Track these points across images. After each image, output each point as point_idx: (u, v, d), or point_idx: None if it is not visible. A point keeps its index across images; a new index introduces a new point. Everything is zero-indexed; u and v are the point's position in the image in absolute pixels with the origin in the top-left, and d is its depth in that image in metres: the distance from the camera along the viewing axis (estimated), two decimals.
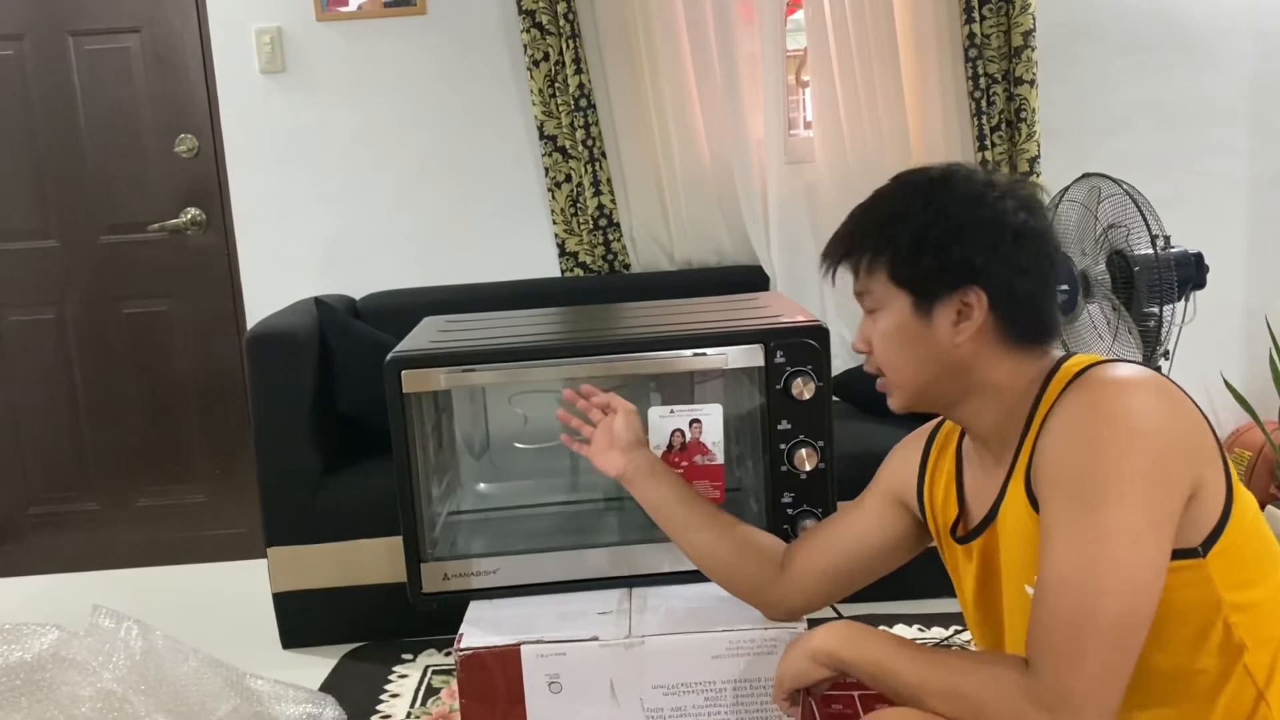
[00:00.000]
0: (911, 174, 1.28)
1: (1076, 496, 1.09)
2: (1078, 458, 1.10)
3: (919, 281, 1.22)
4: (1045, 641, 1.08)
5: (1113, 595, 1.05)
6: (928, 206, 1.22)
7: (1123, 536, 1.06)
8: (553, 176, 3.07)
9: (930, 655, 1.19)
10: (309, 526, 2.52)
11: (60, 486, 3.33)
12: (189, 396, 3.29)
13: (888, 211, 1.26)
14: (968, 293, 1.20)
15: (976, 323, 1.20)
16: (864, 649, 1.24)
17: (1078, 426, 1.11)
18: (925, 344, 1.23)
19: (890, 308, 1.25)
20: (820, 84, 3.02)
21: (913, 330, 1.23)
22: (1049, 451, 1.13)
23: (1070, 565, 1.07)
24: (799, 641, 1.32)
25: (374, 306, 3.01)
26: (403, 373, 1.70)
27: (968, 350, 1.22)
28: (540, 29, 2.96)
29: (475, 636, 1.58)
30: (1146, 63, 3.08)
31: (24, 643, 1.68)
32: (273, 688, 2.03)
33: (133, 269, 3.23)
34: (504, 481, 2.13)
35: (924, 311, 1.22)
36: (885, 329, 1.26)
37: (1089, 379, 1.15)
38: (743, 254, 3.11)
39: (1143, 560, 1.06)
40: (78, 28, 3.13)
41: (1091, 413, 1.11)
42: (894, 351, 1.26)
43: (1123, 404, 1.10)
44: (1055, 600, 1.08)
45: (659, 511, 1.57)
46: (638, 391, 2.07)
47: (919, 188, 1.25)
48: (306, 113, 3.11)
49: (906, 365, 1.26)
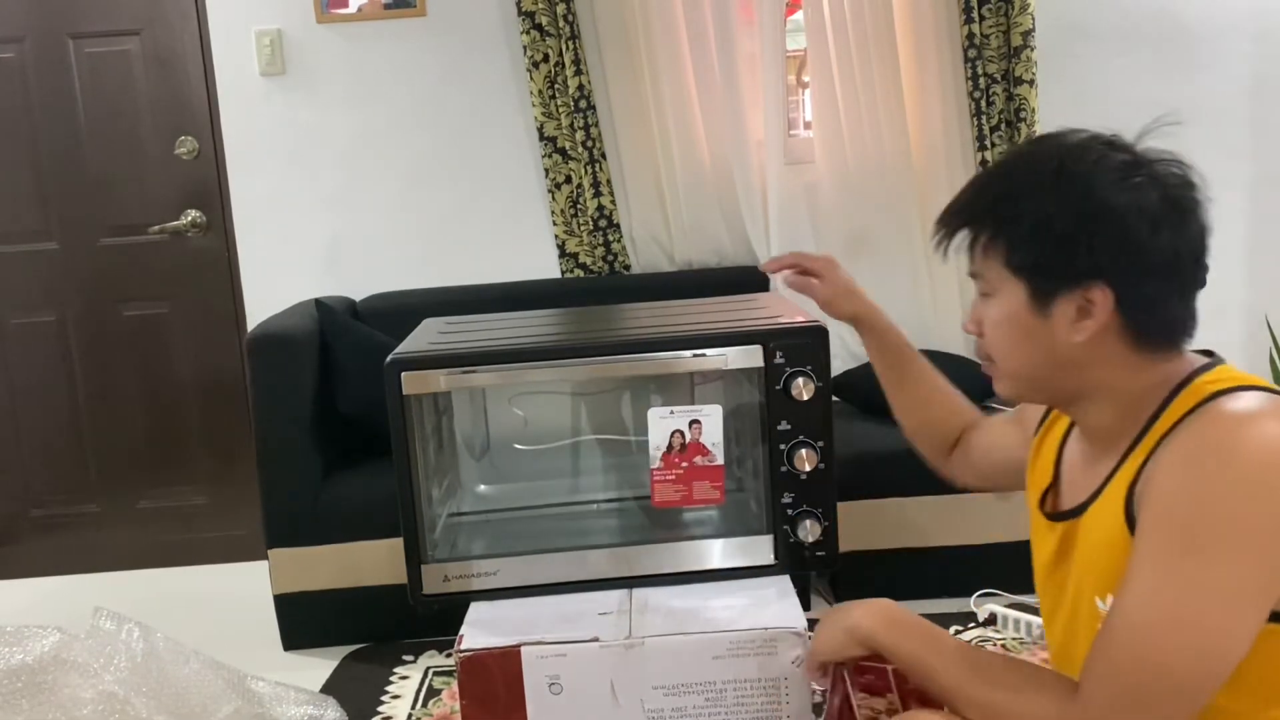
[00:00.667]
0: (1046, 140, 1.16)
1: (1180, 540, 1.00)
2: (1193, 499, 1.01)
3: (1037, 272, 1.11)
4: (1105, 680, 1.02)
5: (1192, 655, 0.99)
6: (1057, 186, 1.09)
7: (1219, 596, 0.99)
8: (553, 178, 3.07)
9: (971, 661, 1.15)
10: (310, 528, 2.52)
11: (61, 489, 3.33)
12: (190, 398, 3.29)
13: (1012, 186, 1.13)
14: (1092, 289, 1.09)
15: (1099, 322, 1.10)
16: (902, 638, 1.20)
17: (1197, 464, 1.02)
18: (1039, 339, 1.13)
19: (1004, 294, 1.14)
20: (820, 84, 3.02)
21: (1026, 323, 1.13)
22: (1161, 481, 1.04)
23: (1155, 611, 1.00)
24: (838, 614, 1.29)
25: (374, 308, 3.01)
26: (403, 374, 1.71)
27: (1086, 350, 1.11)
28: (540, 30, 2.96)
29: (476, 638, 1.59)
30: (1146, 62, 3.08)
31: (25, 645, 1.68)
32: (274, 689, 2.03)
33: (133, 271, 3.24)
34: (504, 483, 2.13)
35: (1041, 304, 1.11)
36: (997, 317, 1.15)
37: (1215, 411, 1.04)
38: (742, 255, 3.11)
39: (1234, 626, 0.99)
40: (78, 30, 3.13)
41: (1215, 452, 1.01)
42: (1004, 342, 1.16)
43: (1253, 446, 1.00)
44: (1128, 643, 1.02)
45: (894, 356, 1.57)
46: (638, 393, 2.08)
47: (1050, 161, 1.11)
48: (306, 114, 3.11)
49: (1016, 357, 1.16)
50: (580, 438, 2.14)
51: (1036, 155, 1.14)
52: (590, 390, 2.10)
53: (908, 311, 3.03)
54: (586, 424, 2.14)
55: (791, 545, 1.74)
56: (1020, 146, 1.18)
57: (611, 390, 2.10)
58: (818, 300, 1.62)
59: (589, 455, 2.14)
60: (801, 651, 1.54)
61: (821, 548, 1.74)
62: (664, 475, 1.71)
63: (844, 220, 3.08)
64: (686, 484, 1.71)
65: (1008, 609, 2.40)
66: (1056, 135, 1.15)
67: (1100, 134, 1.14)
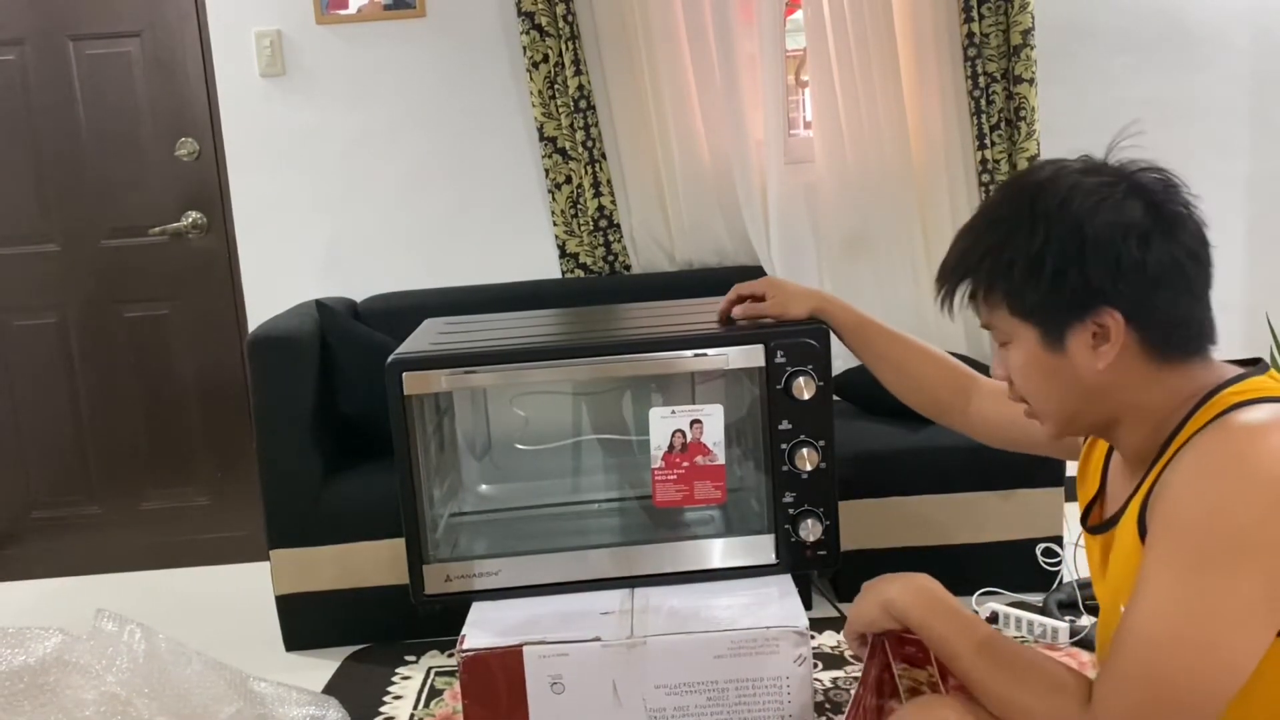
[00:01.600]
0: (1017, 183, 1.16)
1: (1191, 553, 1.00)
2: (1201, 511, 1.00)
3: (1042, 311, 1.11)
4: (1117, 692, 1.03)
5: (1202, 669, 0.99)
6: (1035, 225, 1.10)
7: (1229, 612, 0.98)
8: (553, 178, 3.07)
9: (997, 652, 1.15)
10: (311, 529, 2.52)
11: (63, 490, 3.34)
12: (191, 399, 3.30)
13: (994, 236, 1.14)
14: (1100, 314, 1.09)
15: (1117, 345, 1.09)
16: (933, 619, 1.21)
17: (1205, 476, 1.01)
18: (1064, 375, 1.13)
19: (1019, 340, 1.15)
20: (819, 84, 3.02)
21: (1047, 363, 1.13)
22: (1170, 494, 1.04)
23: (1164, 625, 1.00)
24: (876, 586, 1.31)
25: (375, 309, 3.01)
26: (404, 374, 1.71)
27: (1111, 375, 1.11)
28: (540, 31, 2.96)
29: (477, 638, 1.59)
30: (1145, 61, 3.08)
31: (27, 646, 1.68)
32: (276, 690, 2.03)
33: (134, 273, 3.24)
34: (506, 483, 2.13)
35: (1055, 341, 1.12)
36: (1019, 363, 1.16)
37: (1227, 424, 1.04)
38: (743, 254, 3.11)
39: (1245, 641, 0.99)
40: (78, 32, 3.14)
41: (1223, 463, 1.01)
42: (1032, 385, 1.17)
43: (1261, 458, 0.99)
44: (1139, 656, 1.02)
45: (857, 331, 1.64)
46: (639, 392, 2.08)
47: (1024, 202, 1.12)
48: (307, 115, 3.11)
49: (1049, 398, 1.16)
50: (581, 437, 2.14)
51: (1011, 200, 1.14)
52: (591, 390, 2.10)
53: (907, 310, 3.03)
54: (588, 424, 2.14)
55: (793, 544, 1.74)
56: (995, 195, 1.18)
57: (612, 390, 2.10)
58: (773, 316, 1.70)
59: (590, 455, 2.14)
60: (804, 650, 1.54)
61: (823, 547, 1.75)
62: (665, 475, 1.72)
63: (844, 219, 3.08)
64: (688, 483, 1.71)
65: (1009, 607, 2.41)
66: (1026, 174, 1.16)
67: (1068, 162, 1.15)
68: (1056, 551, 2.51)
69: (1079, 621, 2.34)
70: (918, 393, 1.62)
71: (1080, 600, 2.41)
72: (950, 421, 1.61)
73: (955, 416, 1.59)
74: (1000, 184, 1.19)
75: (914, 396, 1.63)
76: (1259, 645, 1.00)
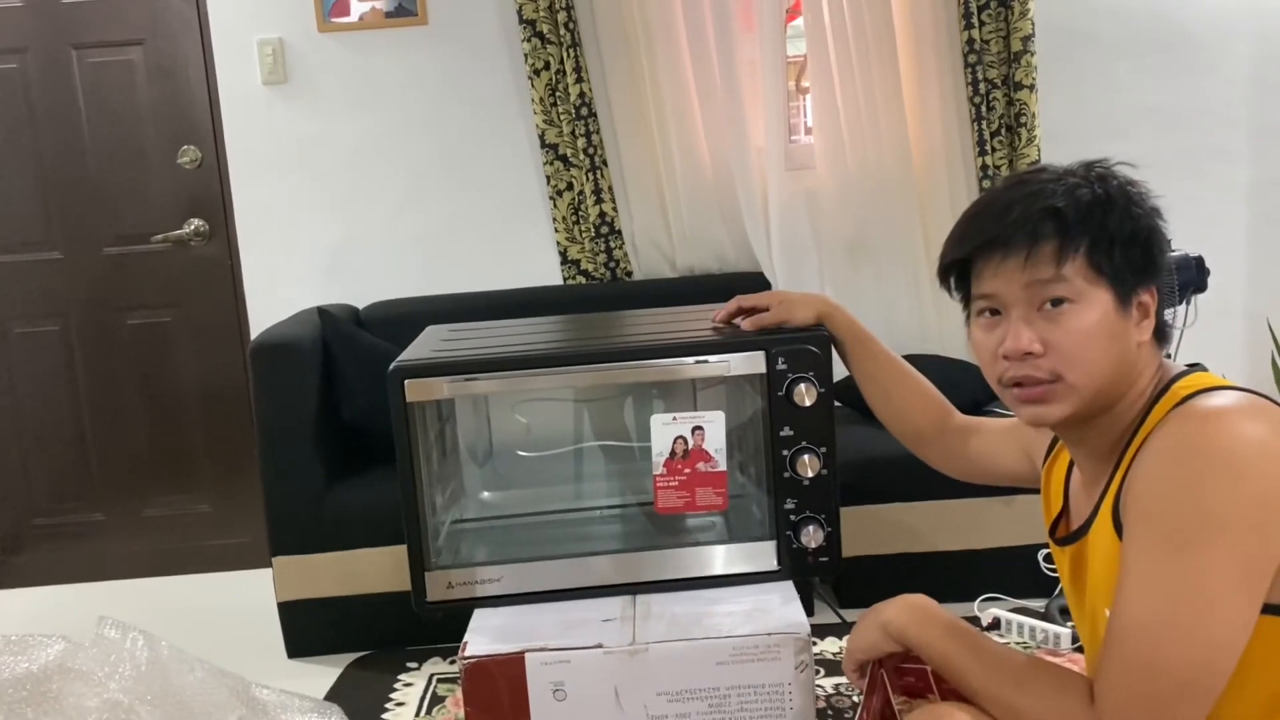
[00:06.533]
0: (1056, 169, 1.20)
1: (1166, 537, 1.03)
2: (1171, 495, 1.03)
3: (1119, 275, 1.14)
4: (1115, 684, 1.05)
5: (1193, 649, 1.01)
6: (1128, 195, 1.16)
7: (1212, 588, 1.00)
8: (554, 185, 3.08)
9: (998, 661, 1.17)
10: (313, 536, 2.53)
11: (65, 498, 3.34)
12: (193, 407, 3.30)
13: (1104, 193, 1.16)
14: (1148, 290, 1.16)
15: (1152, 321, 1.17)
16: (934, 635, 1.23)
17: (1173, 462, 1.05)
18: (1121, 342, 1.15)
19: (1090, 301, 1.14)
20: (820, 90, 3.03)
21: (1115, 327, 1.14)
22: (1140, 483, 1.08)
23: (1150, 610, 1.03)
24: (873, 612, 1.32)
25: (377, 316, 3.02)
26: (406, 382, 1.71)
27: (1141, 351, 1.17)
28: (541, 38, 2.97)
29: (479, 645, 1.59)
30: (1146, 67, 3.08)
31: (30, 654, 1.68)
32: (278, 697, 2.03)
33: (136, 280, 3.24)
34: (507, 490, 2.13)
35: (1124, 307, 1.15)
36: (1085, 325, 1.14)
37: (1188, 410, 1.08)
38: (744, 260, 3.11)
39: (1229, 616, 1.01)
40: (80, 41, 3.15)
41: (1188, 447, 1.04)
42: (1090, 349, 1.14)
43: (1224, 438, 1.03)
44: (1130, 644, 1.04)
45: (854, 342, 1.67)
46: (640, 399, 2.08)
47: (1106, 176, 1.18)
48: (309, 123, 3.12)
49: (1099, 364, 1.15)
50: (583, 444, 2.14)
51: (1072, 177, 1.18)
52: (593, 397, 2.10)
53: (909, 316, 3.03)
54: (589, 430, 2.14)
55: (794, 551, 1.74)
56: (1040, 171, 1.20)
57: (614, 397, 2.10)
58: (780, 323, 1.71)
59: (592, 462, 2.14)
60: (806, 656, 1.54)
61: (824, 553, 1.75)
62: (667, 481, 1.71)
63: (845, 226, 3.08)
64: (689, 490, 1.71)
65: (1011, 613, 2.40)
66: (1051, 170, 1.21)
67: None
68: None
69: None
70: (898, 419, 1.65)
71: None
72: (922, 452, 1.65)
73: (927, 449, 1.63)
74: (1035, 169, 1.20)
75: (893, 422, 1.66)
76: (1244, 620, 1.02)
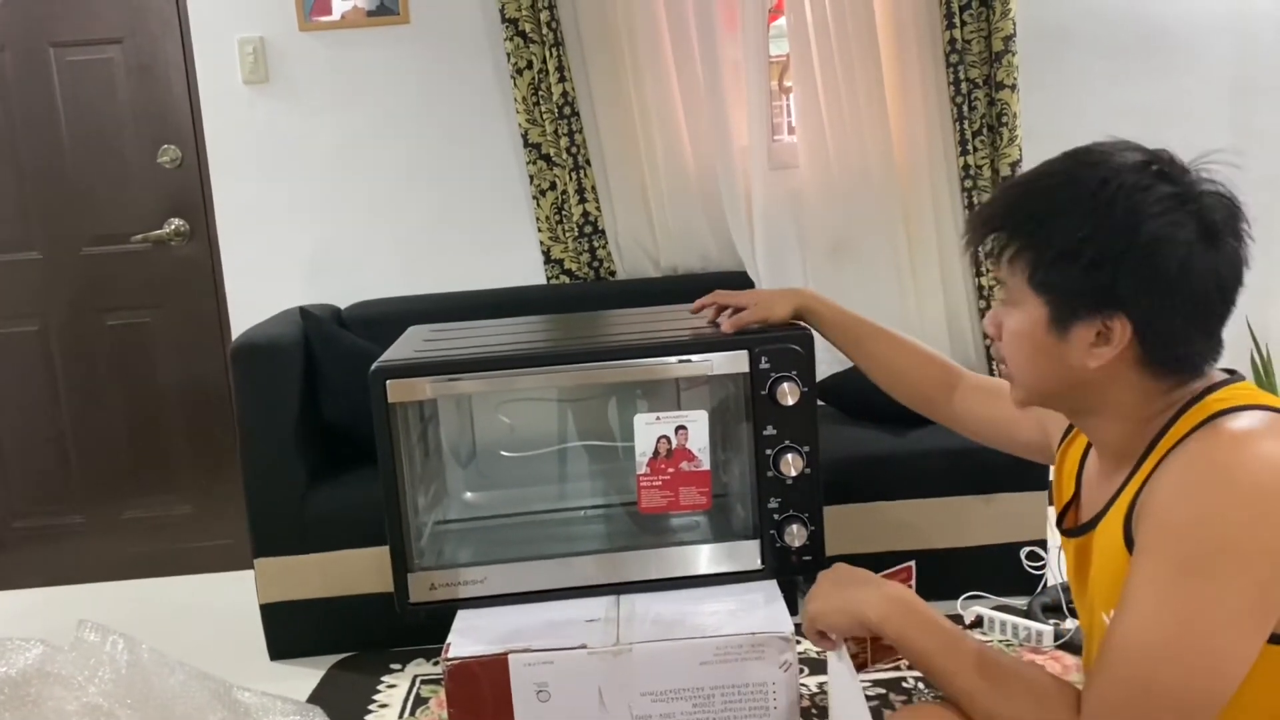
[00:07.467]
0: (1090, 159, 1.10)
1: (1180, 563, 0.99)
2: (1190, 520, 1.00)
3: (1061, 294, 1.09)
4: (1107, 699, 1.03)
5: (1191, 676, 0.99)
6: (1090, 212, 1.06)
7: (1220, 619, 0.98)
8: (537, 184, 3.07)
9: (980, 666, 1.14)
10: (296, 537, 2.51)
11: (45, 499, 3.31)
12: (174, 408, 3.28)
13: (1043, 204, 1.10)
14: (1112, 318, 1.07)
15: (1116, 350, 1.08)
16: (915, 634, 1.18)
17: (1195, 486, 1.01)
18: (1054, 357, 1.12)
19: (1025, 309, 1.12)
20: (803, 90, 3.03)
21: (1042, 341, 1.12)
22: (1159, 502, 1.03)
23: (1154, 632, 1.00)
24: (844, 589, 1.27)
25: (359, 316, 3.00)
26: (388, 382, 1.70)
27: (1100, 373, 1.11)
28: (523, 37, 2.96)
29: (463, 646, 1.58)
30: (1127, 67, 3.10)
31: (8, 658, 1.66)
32: (260, 699, 2.02)
33: (116, 280, 3.22)
34: (491, 490, 2.13)
35: (1060, 326, 1.10)
36: (1014, 329, 1.14)
37: (1215, 431, 1.04)
38: (728, 260, 3.11)
39: (1234, 647, 0.98)
40: (59, 39, 3.12)
41: (1211, 472, 1.01)
42: (1019, 354, 1.15)
43: (1249, 467, 0.99)
44: (1129, 662, 1.01)
45: (842, 328, 1.68)
46: (624, 399, 2.08)
47: (1088, 184, 1.07)
48: (290, 122, 3.11)
49: (1030, 371, 1.15)
50: (567, 444, 2.14)
51: (1075, 176, 1.10)
52: (576, 396, 2.10)
53: (891, 315, 3.04)
54: (573, 430, 2.14)
55: (778, 550, 1.75)
56: (1069, 157, 1.12)
57: (598, 396, 2.10)
58: (759, 321, 1.72)
59: (576, 462, 2.14)
60: (790, 656, 1.54)
61: (808, 552, 1.75)
62: (651, 481, 1.71)
63: (828, 224, 3.09)
64: (673, 489, 1.71)
65: (994, 611, 2.41)
66: (1110, 152, 1.10)
67: (1155, 157, 1.10)
68: (1040, 555, 2.51)
69: (1063, 625, 2.35)
70: (903, 386, 1.65)
71: (1064, 603, 2.42)
72: (935, 415, 1.63)
73: (940, 410, 1.62)
74: (1075, 150, 1.12)
75: (900, 390, 1.66)
76: (1249, 652, 0.99)
